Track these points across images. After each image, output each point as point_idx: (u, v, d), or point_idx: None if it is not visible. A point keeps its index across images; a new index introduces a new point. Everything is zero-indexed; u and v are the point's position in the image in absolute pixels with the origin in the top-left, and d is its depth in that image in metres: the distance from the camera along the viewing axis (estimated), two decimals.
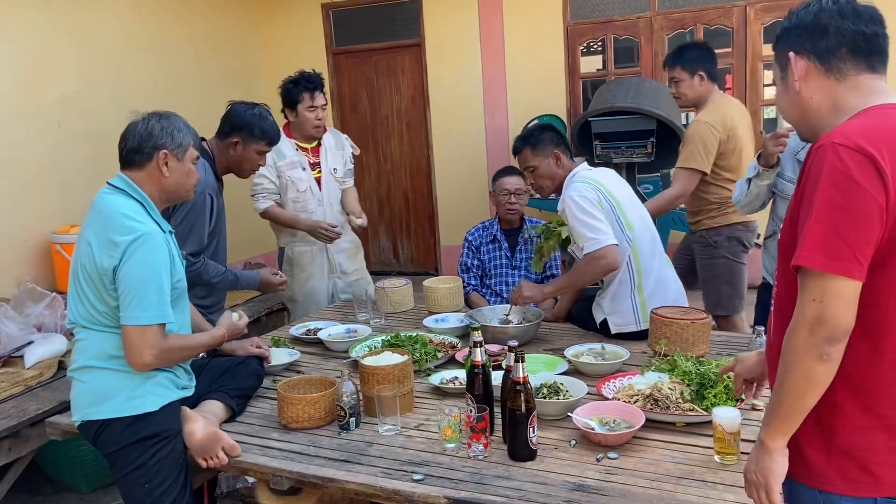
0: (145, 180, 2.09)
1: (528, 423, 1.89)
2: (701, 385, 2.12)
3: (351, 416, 2.15)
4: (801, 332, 1.26)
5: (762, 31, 5.74)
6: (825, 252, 1.22)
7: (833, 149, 1.23)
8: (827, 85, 1.37)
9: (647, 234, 2.90)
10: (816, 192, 1.24)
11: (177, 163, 2.11)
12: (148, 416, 2.00)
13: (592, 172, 2.93)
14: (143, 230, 1.98)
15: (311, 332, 3.12)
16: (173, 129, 2.11)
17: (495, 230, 3.65)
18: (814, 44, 1.37)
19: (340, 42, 7.11)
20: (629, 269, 2.83)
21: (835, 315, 1.22)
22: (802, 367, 1.26)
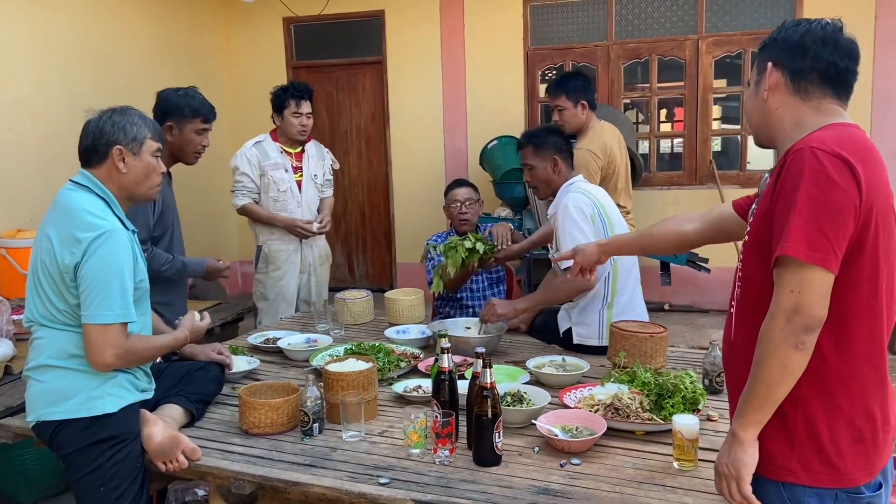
0: (105, 178, 2.05)
1: (495, 429, 1.91)
2: (659, 395, 2.17)
3: (314, 422, 2.14)
4: (778, 322, 1.32)
5: (713, 65, 5.98)
6: (807, 244, 1.30)
7: (812, 152, 1.33)
8: (792, 101, 1.48)
9: (629, 256, 2.92)
10: (798, 190, 1.32)
11: (133, 158, 2.06)
12: (106, 417, 1.95)
13: (589, 186, 3.00)
14: (107, 227, 1.94)
15: (269, 340, 3.09)
16: (126, 124, 2.05)
17: None
18: (791, 61, 1.47)
19: (301, 56, 7.12)
20: (605, 286, 2.87)
21: (811, 304, 1.30)
22: (778, 355, 1.33)
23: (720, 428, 2.13)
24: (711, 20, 5.94)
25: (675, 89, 6.28)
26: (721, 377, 2.44)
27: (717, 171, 5.94)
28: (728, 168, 6.33)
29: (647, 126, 6.47)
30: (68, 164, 5.07)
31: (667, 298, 6.11)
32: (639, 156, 5.49)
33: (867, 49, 5.55)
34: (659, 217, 6.33)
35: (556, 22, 6.34)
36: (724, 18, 5.92)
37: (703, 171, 6.09)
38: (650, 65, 6.12)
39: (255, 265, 4.04)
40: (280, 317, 3.87)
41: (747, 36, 5.85)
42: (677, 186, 6.18)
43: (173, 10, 6.32)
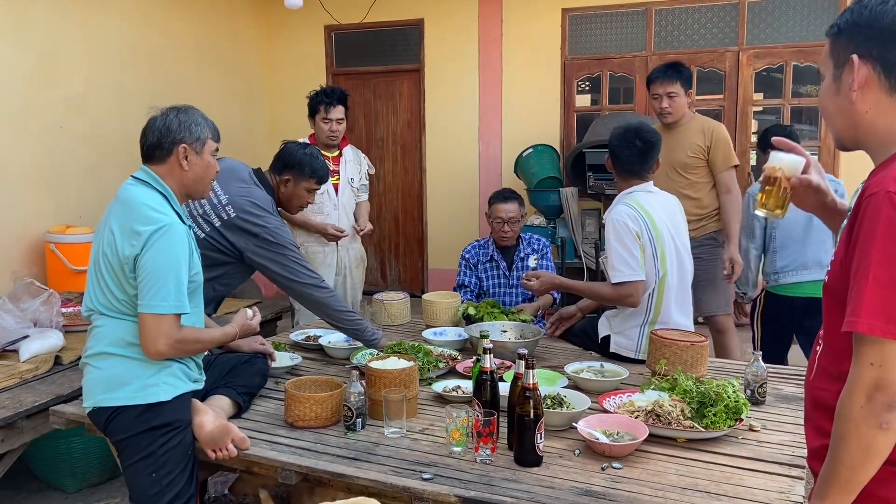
0: (166, 174, 2.13)
1: (536, 429, 1.93)
2: (701, 403, 2.17)
3: (357, 417, 2.18)
4: (858, 399, 1.16)
5: (753, 77, 5.94)
6: (886, 317, 1.13)
7: (889, 199, 1.14)
8: (886, 103, 1.24)
9: (678, 277, 2.87)
10: (873, 248, 1.14)
11: (196, 156, 2.14)
12: (160, 405, 2.01)
13: (646, 196, 2.88)
14: (166, 221, 2.01)
15: (311, 338, 3.15)
16: (191, 123, 2.14)
17: (491, 250, 3.71)
18: (884, 52, 1.22)
19: (341, 63, 7.22)
20: (648, 303, 2.82)
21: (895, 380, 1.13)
22: (860, 436, 1.16)
23: (762, 438, 2.12)
24: (753, 32, 5.90)
25: (713, 101, 6.24)
26: (763, 388, 2.43)
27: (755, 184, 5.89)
28: None
29: None
30: (116, 163, 5.24)
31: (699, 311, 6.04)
32: None
33: None
34: None
35: (594, 31, 6.35)
36: (766, 31, 5.88)
37: (741, 183, 6.02)
38: None
39: None
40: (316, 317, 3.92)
41: (789, 49, 5.80)
42: None
43: (218, 16, 6.46)
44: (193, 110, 2.18)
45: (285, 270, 2.71)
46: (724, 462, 1.96)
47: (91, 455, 3.25)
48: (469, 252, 3.78)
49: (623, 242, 2.75)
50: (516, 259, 3.68)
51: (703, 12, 6.03)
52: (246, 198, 2.71)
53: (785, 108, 5.96)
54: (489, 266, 3.71)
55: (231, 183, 2.72)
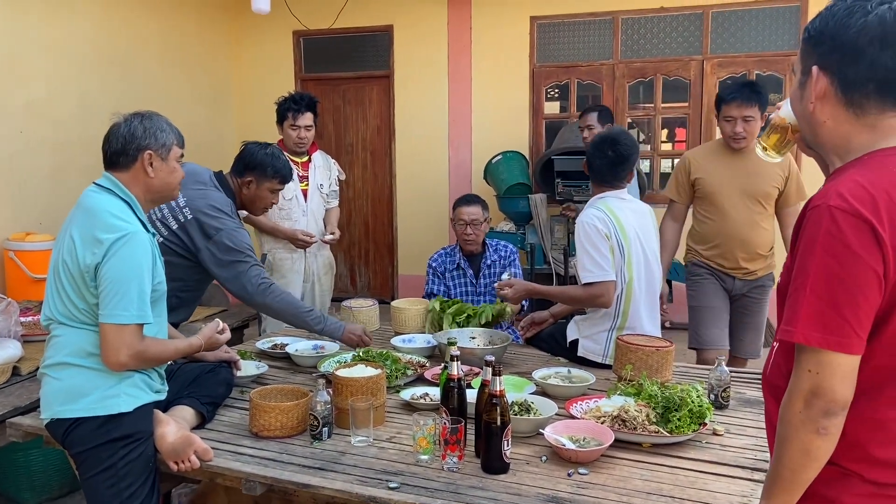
0: (131, 181, 2.10)
1: (503, 436, 1.93)
2: (666, 408, 2.19)
3: (324, 426, 2.16)
4: (797, 404, 1.19)
5: (717, 85, 6.05)
6: (822, 327, 1.15)
7: (830, 213, 1.15)
8: (843, 116, 1.25)
9: (645, 284, 2.90)
10: (812, 261, 1.17)
11: (161, 162, 2.12)
12: (121, 416, 1.97)
13: (617, 202, 2.90)
14: (129, 229, 1.98)
15: (277, 346, 3.12)
16: (156, 130, 2.12)
17: (458, 258, 3.71)
18: (842, 68, 1.22)
19: (310, 69, 7.19)
20: (616, 308, 2.85)
21: (832, 387, 1.16)
22: (799, 440, 1.19)
23: (726, 442, 2.15)
24: (717, 41, 6.01)
25: (678, 109, 6.34)
26: (726, 392, 2.47)
27: None
28: None
29: (650, 145, 6.52)
30: (79, 168, 5.14)
31: (668, 316, 6.11)
32: (642, 173, 5.53)
33: None
34: None
35: (562, 39, 6.41)
36: (729, 40, 6.00)
37: None
38: (655, 84, 6.19)
39: None
40: (285, 324, 3.89)
41: (752, 58, 5.92)
42: None
43: (186, 20, 6.39)
44: (158, 116, 2.15)
45: (235, 274, 2.71)
46: (688, 466, 1.99)
47: (50, 468, 3.18)
48: (436, 260, 3.77)
49: (593, 243, 2.79)
50: (483, 266, 3.69)
51: (668, 21, 6.12)
52: (203, 199, 2.71)
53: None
54: (456, 274, 3.71)
55: (190, 186, 2.69)
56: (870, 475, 1.22)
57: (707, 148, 3.65)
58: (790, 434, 1.21)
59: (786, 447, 1.22)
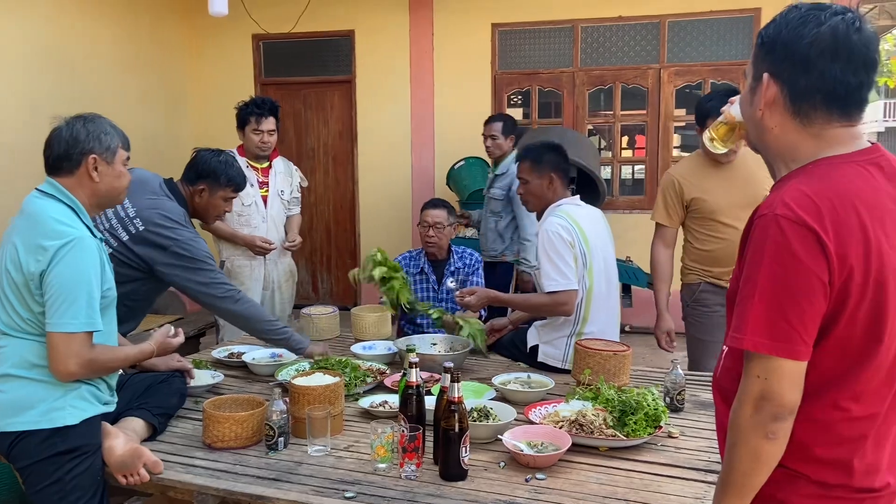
0: (75, 186, 2.04)
1: (461, 443, 1.92)
2: (623, 412, 2.21)
3: (280, 436, 2.12)
4: (747, 409, 1.21)
5: (674, 94, 6.15)
6: (770, 334, 1.18)
7: (776, 222, 1.18)
8: (790, 125, 1.27)
9: (605, 287, 2.94)
10: (760, 268, 1.19)
11: (106, 167, 2.07)
12: (67, 429, 1.91)
13: (576, 209, 2.96)
14: (75, 234, 1.93)
15: (234, 355, 3.06)
16: (100, 133, 2.06)
17: (422, 262, 3.70)
18: (792, 78, 1.24)
19: (270, 73, 7.11)
20: (577, 313, 2.88)
21: (780, 392, 1.18)
22: (749, 444, 1.22)
23: (681, 445, 2.18)
24: (673, 50, 6.11)
25: (637, 116, 6.44)
26: (681, 395, 2.50)
27: None
28: None
29: (610, 152, 6.60)
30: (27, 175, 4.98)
31: (628, 320, 6.19)
32: (602, 180, 5.60)
33: None
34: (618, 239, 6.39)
35: (524, 47, 6.46)
36: (685, 49, 6.10)
37: None
38: (614, 92, 6.27)
39: None
40: (243, 332, 3.84)
41: (707, 67, 6.03)
42: (639, 210, 6.31)
43: (140, 22, 6.27)
44: (101, 119, 2.10)
45: (199, 285, 2.66)
46: (644, 469, 2.00)
47: None
48: (399, 261, 3.75)
49: (557, 251, 2.80)
50: (446, 273, 3.68)
51: (626, 30, 6.21)
52: (155, 210, 2.64)
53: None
54: (419, 279, 3.70)
55: (140, 195, 2.63)
56: (816, 476, 1.24)
57: (691, 164, 3.33)
58: (740, 439, 1.23)
59: (736, 452, 1.24)
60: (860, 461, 1.24)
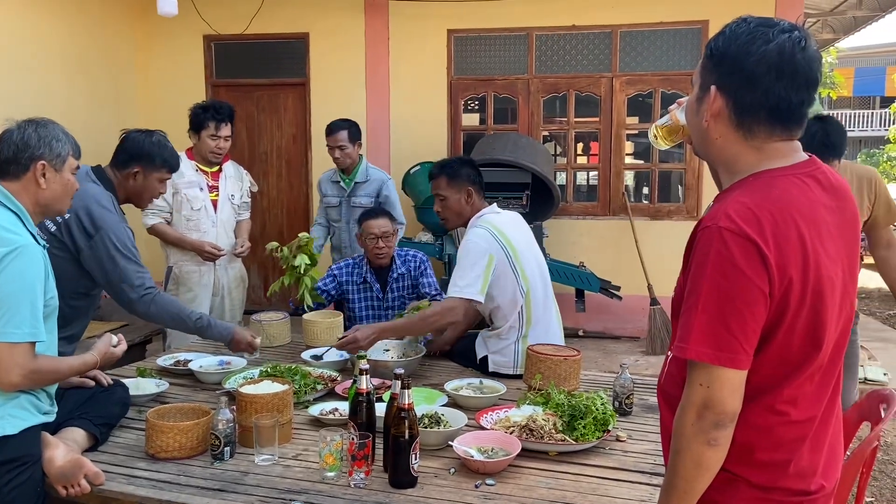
0: (21, 191, 1.98)
1: (412, 450, 1.91)
2: (572, 416, 2.23)
3: (226, 446, 2.08)
4: (690, 417, 1.24)
5: (626, 102, 6.27)
6: (713, 344, 1.20)
7: (719, 233, 1.21)
8: (733, 136, 1.30)
9: (542, 285, 2.98)
10: (703, 279, 1.22)
11: (55, 174, 2.03)
12: (5, 439, 1.84)
13: (497, 217, 2.98)
14: (19, 242, 1.87)
15: (180, 363, 2.99)
16: (52, 139, 2.02)
17: (365, 272, 3.59)
18: (738, 92, 1.27)
19: (221, 74, 7.00)
20: (520, 318, 2.90)
21: (721, 400, 1.21)
22: (691, 451, 1.24)
23: (628, 448, 2.21)
24: (625, 60, 6.23)
25: (590, 124, 6.53)
26: (630, 399, 2.53)
27: (629, 203, 6.20)
28: (639, 200, 6.61)
29: (565, 158, 6.68)
30: None
31: (581, 324, 6.28)
32: (556, 186, 5.66)
33: None
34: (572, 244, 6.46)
35: (479, 53, 6.50)
36: (637, 59, 6.23)
37: (616, 202, 6.34)
38: (568, 99, 6.35)
39: (164, 286, 3.89)
40: (190, 339, 3.76)
41: (657, 76, 6.16)
42: (592, 216, 6.41)
43: (88, 21, 6.10)
44: (53, 124, 2.06)
45: (118, 277, 2.59)
46: (592, 473, 2.02)
47: None
48: (339, 269, 3.66)
49: (467, 261, 2.80)
50: (390, 280, 3.58)
51: (579, 39, 6.30)
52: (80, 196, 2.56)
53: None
54: (361, 288, 3.61)
55: None
56: (755, 479, 1.28)
57: None
58: (683, 445, 1.26)
59: (679, 458, 1.27)
60: (797, 464, 1.28)
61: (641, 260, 5.96)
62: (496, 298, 2.91)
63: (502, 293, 2.90)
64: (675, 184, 7.06)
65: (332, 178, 4.42)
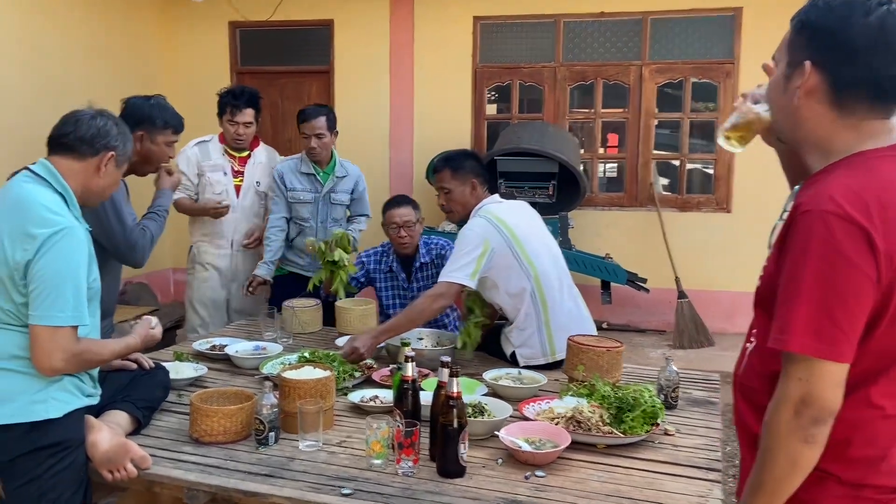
0: (78, 172, 1.97)
1: (460, 439, 1.88)
2: (619, 409, 2.19)
3: (270, 431, 2.05)
4: (785, 413, 1.17)
5: (656, 91, 6.17)
6: (815, 336, 1.14)
7: (823, 218, 1.13)
8: (828, 115, 1.23)
9: (554, 269, 2.92)
10: (805, 267, 1.15)
11: (114, 168, 2.06)
12: (49, 423, 1.82)
13: (497, 206, 2.94)
14: (65, 223, 1.85)
15: (216, 347, 2.98)
16: (127, 138, 2.09)
17: (391, 261, 3.57)
18: (837, 67, 1.20)
19: (246, 61, 6.98)
20: (534, 303, 2.84)
21: (822, 396, 1.14)
22: (787, 450, 1.18)
23: (678, 442, 2.16)
24: (655, 47, 6.13)
25: (618, 114, 6.45)
26: (675, 393, 2.48)
27: (657, 195, 6.12)
28: (667, 191, 6.53)
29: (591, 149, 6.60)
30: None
31: (604, 317, 6.21)
32: (583, 176, 5.60)
33: None
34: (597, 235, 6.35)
35: (505, 41, 6.42)
36: (667, 46, 6.13)
37: (643, 193, 6.26)
38: (595, 88, 6.27)
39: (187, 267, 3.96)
40: (205, 319, 3.79)
41: (688, 65, 6.07)
42: (618, 208, 6.33)
43: (112, 7, 6.08)
44: (124, 124, 2.11)
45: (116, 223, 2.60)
46: (644, 467, 1.98)
47: None
48: (368, 256, 3.64)
49: (463, 246, 2.78)
50: (414, 269, 3.54)
51: (608, 26, 6.21)
52: None
53: (684, 122, 6.23)
54: (387, 276, 3.58)
55: None
56: (846, 476, 1.22)
57: None
58: (777, 444, 1.19)
59: (771, 456, 1.20)
60: (891, 460, 1.22)
61: (669, 252, 5.88)
62: (500, 287, 2.85)
63: (506, 281, 2.84)
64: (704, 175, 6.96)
65: (300, 168, 3.82)
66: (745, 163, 5.99)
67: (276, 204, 3.81)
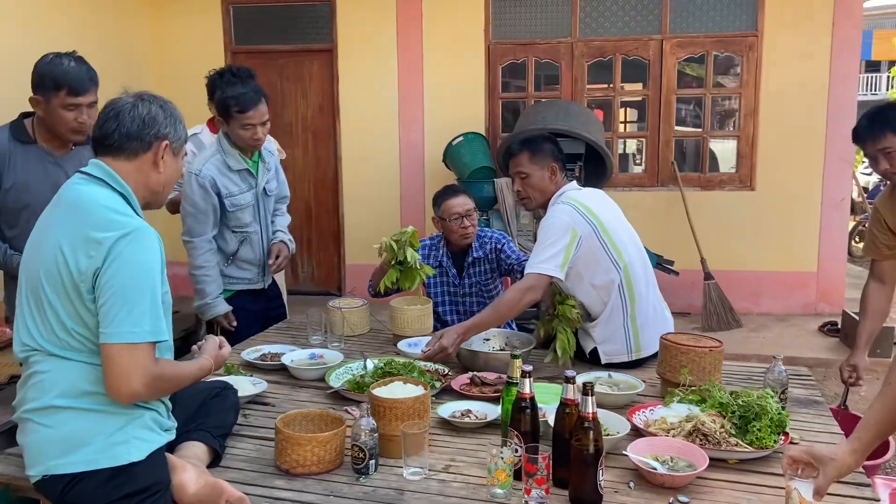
0: (132, 172, 1.70)
1: (598, 465, 1.67)
2: (742, 418, 1.99)
3: (370, 459, 1.82)
4: None
5: (676, 66, 5.96)
6: None
7: None
8: None
9: (640, 260, 2.77)
10: None
11: (172, 158, 1.78)
12: (132, 466, 1.57)
13: (579, 193, 2.79)
14: (133, 224, 1.59)
15: (266, 356, 2.72)
16: (176, 118, 1.78)
17: (441, 255, 3.35)
18: None
19: (241, 41, 6.62)
20: (621, 296, 2.68)
21: None
22: None
23: None
24: (676, 20, 5.91)
25: (638, 92, 6.23)
26: (784, 394, 2.29)
27: (678, 173, 5.93)
28: (689, 170, 6.34)
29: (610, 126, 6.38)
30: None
31: None
32: (610, 156, 5.38)
33: (824, 57, 5.67)
34: None
35: (519, 16, 6.15)
36: (688, 20, 5.91)
37: (664, 172, 6.07)
38: (614, 64, 6.03)
39: None
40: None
41: (710, 38, 5.86)
42: (639, 188, 6.14)
43: None
44: (171, 102, 1.79)
45: None
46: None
47: None
48: (420, 251, 3.39)
49: (549, 236, 2.61)
50: (466, 265, 3.33)
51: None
52: None
53: (706, 98, 6.03)
54: (437, 273, 3.34)
55: None
56: None
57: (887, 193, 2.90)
58: None
59: None
60: None
61: (693, 232, 5.71)
62: (585, 278, 2.68)
63: (593, 273, 2.67)
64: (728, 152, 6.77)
65: (233, 166, 3.06)
66: (767, 139, 5.82)
67: (198, 221, 3.00)
